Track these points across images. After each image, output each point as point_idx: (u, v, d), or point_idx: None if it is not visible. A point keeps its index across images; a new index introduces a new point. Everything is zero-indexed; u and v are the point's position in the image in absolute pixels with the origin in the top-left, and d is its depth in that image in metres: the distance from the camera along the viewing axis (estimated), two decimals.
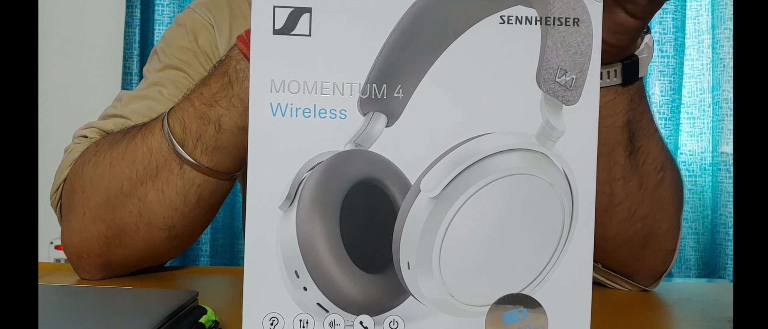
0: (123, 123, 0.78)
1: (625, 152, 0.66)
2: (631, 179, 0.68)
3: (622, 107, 0.65)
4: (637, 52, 0.63)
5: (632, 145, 0.67)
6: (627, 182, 0.68)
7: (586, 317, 0.47)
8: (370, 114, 0.46)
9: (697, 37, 1.71)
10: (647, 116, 0.67)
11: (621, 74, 0.63)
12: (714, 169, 1.66)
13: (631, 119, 0.66)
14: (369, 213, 0.47)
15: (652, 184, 0.69)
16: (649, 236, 0.71)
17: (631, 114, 0.65)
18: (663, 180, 0.69)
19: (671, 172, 0.71)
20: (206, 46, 0.89)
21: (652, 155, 0.68)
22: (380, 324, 0.47)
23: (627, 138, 0.66)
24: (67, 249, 0.73)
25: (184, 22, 0.91)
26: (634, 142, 0.67)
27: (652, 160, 0.68)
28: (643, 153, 0.67)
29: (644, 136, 0.67)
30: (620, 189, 0.68)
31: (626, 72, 0.63)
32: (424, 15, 0.46)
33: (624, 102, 0.65)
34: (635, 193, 0.68)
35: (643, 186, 0.68)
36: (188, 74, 0.86)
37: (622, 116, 0.65)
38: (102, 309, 0.53)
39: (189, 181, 0.67)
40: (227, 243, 1.72)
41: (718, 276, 1.64)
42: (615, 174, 0.67)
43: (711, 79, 1.67)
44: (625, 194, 0.68)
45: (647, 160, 0.68)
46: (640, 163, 0.68)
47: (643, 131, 0.67)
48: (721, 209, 1.63)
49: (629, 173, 0.67)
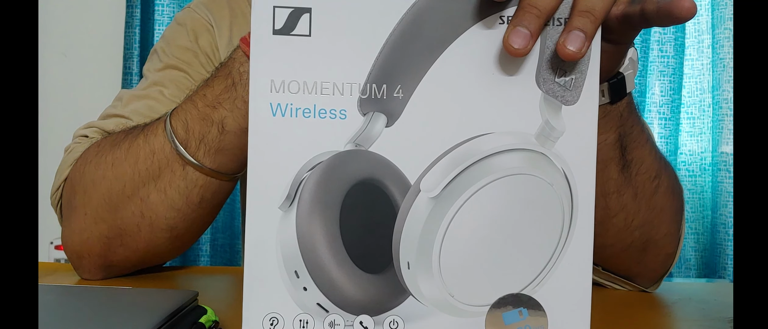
0: (123, 123, 0.79)
1: (618, 167, 0.66)
2: (625, 192, 0.67)
3: (613, 125, 0.64)
4: (622, 69, 0.63)
5: (625, 159, 0.66)
6: (621, 196, 0.67)
7: (586, 317, 0.47)
8: (370, 114, 0.46)
9: (697, 37, 1.71)
10: (637, 128, 0.67)
11: (609, 94, 0.62)
12: (714, 169, 1.66)
13: (622, 134, 0.65)
14: (369, 213, 0.47)
15: (647, 193, 0.68)
16: (648, 242, 0.71)
17: (621, 129, 0.65)
18: (659, 187, 0.69)
19: (667, 178, 0.70)
20: (206, 47, 0.89)
21: (646, 164, 0.68)
22: (380, 324, 0.47)
23: (619, 154, 0.66)
24: (68, 250, 0.73)
25: (184, 22, 0.91)
26: (626, 156, 0.66)
27: (646, 170, 0.68)
28: (635, 164, 0.67)
29: (636, 148, 0.67)
30: (615, 202, 0.67)
31: (613, 91, 0.62)
32: (424, 15, 0.46)
33: (614, 120, 0.64)
34: (630, 204, 0.68)
35: (638, 196, 0.68)
36: (189, 74, 0.86)
37: (612, 133, 0.65)
38: (102, 309, 0.53)
39: (191, 182, 0.67)
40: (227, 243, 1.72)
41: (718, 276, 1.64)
42: (609, 189, 0.67)
43: (711, 79, 1.67)
44: (619, 206, 0.68)
45: (641, 170, 0.67)
46: (634, 174, 0.67)
47: (634, 143, 0.66)
48: (721, 209, 1.63)
49: (623, 186, 0.67)
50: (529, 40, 0.45)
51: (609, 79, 0.62)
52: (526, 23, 0.45)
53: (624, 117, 0.65)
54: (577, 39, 0.45)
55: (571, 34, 0.45)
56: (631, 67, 0.63)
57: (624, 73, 0.63)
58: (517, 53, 0.45)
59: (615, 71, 0.62)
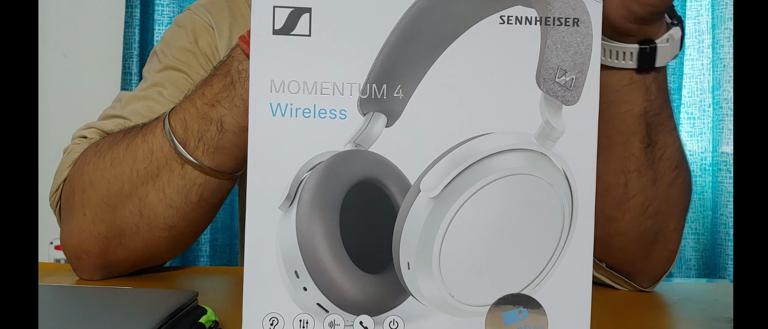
0: (123, 124, 0.78)
1: (642, 144, 0.65)
2: (646, 174, 0.67)
3: (638, 96, 0.63)
4: (658, 40, 0.62)
5: (649, 138, 0.65)
6: (641, 176, 0.67)
7: (586, 317, 0.47)
8: (370, 114, 0.46)
9: (697, 37, 1.71)
10: (667, 112, 0.66)
11: (636, 58, 0.61)
12: (714, 169, 1.66)
13: (648, 110, 0.64)
14: (369, 213, 0.47)
15: (666, 181, 0.68)
16: (658, 233, 0.70)
17: (648, 105, 0.64)
18: (677, 179, 0.69)
19: (684, 172, 0.70)
20: (206, 48, 0.89)
21: (669, 151, 0.67)
22: (380, 324, 0.47)
23: (644, 129, 0.65)
24: (67, 250, 0.73)
25: (183, 24, 0.91)
26: (651, 135, 0.65)
27: (669, 156, 0.67)
28: (660, 148, 0.66)
29: (663, 131, 0.66)
30: (635, 182, 0.67)
31: (642, 57, 0.61)
32: (424, 15, 0.46)
33: (640, 90, 0.63)
34: (649, 188, 0.67)
35: (658, 182, 0.67)
36: (188, 75, 0.86)
37: (638, 105, 0.64)
38: (102, 309, 0.53)
39: (190, 181, 0.67)
40: (227, 243, 1.72)
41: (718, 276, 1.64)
42: (630, 166, 0.66)
43: (711, 79, 1.67)
44: (639, 187, 0.67)
45: (664, 156, 0.67)
46: (657, 158, 0.67)
47: (662, 126, 0.66)
48: (721, 209, 1.63)
49: (644, 166, 0.66)
50: None
51: (640, 42, 0.61)
52: None
53: (651, 93, 0.64)
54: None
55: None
56: (670, 42, 0.62)
57: (658, 45, 0.62)
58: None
59: (649, 36, 0.61)
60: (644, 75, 0.63)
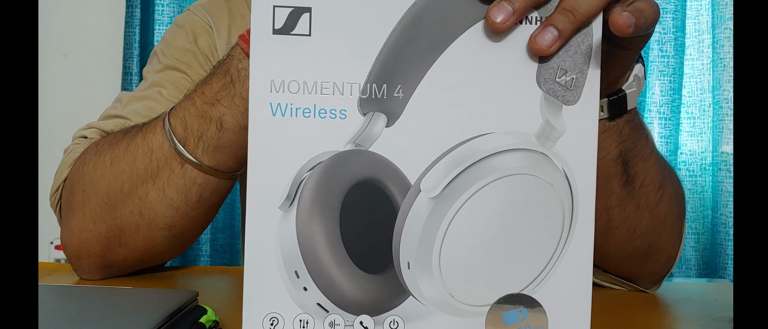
0: (123, 123, 0.79)
1: (620, 182, 0.65)
2: (627, 205, 0.66)
3: (613, 141, 0.63)
4: (625, 87, 0.61)
5: (627, 174, 0.65)
6: (623, 209, 0.66)
7: (586, 317, 0.47)
8: (370, 114, 0.46)
9: (697, 37, 1.71)
10: (641, 142, 0.65)
11: (607, 109, 0.61)
12: (714, 169, 1.66)
13: (623, 151, 0.64)
14: (369, 213, 0.47)
15: (651, 203, 0.67)
16: (650, 248, 0.70)
17: (622, 146, 0.64)
18: (662, 198, 0.68)
19: (670, 185, 0.69)
20: (205, 48, 0.89)
21: (650, 176, 0.66)
22: (380, 324, 0.47)
23: (621, 169, 0.65)
24: (67, 250, 0.73)
25: (183, 24, 0.91)
26: (628, 171, 0.65)
27: (650, 181, 0.67)
28: (639, 178, 0.66)
29: (640, 161, 0.65)
30: (617, 215, 0.67)
31: (612, 107, 0.61)
32: (424, 15, 0.46)
33: (613, 136, 0.63)
34: (633, 215, 0.67)
35: (641, 207, 0.67)
36: (188, 75, 0.86)
37: (613, 149, 0.63)
38: (102, 309, 0.53)
39: (190, 180, 0.67)
40: (227, 243, 1.72)
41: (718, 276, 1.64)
42: (611, 203, 0.66)
43: (711, 79, 1.67)
44: (622, 218, 0.67)
45: (645, 183, 0.66)
46: (637, 187, 0.66)
47: (638, 157, 0.65)
48: (721, 209, 1.63)
49: (625, 200, 0.66)
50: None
51: (609, 95, 0.61)
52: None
53: (625, 133, 0.63)
54: (548, 35, 0.46)
55: (545, 29, 0.46)
56: (635, 85, 0.62)
57: (626, 91, 0.61)
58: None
59: (618, 87, 0.61)
60: (617, 120, 0.63)
